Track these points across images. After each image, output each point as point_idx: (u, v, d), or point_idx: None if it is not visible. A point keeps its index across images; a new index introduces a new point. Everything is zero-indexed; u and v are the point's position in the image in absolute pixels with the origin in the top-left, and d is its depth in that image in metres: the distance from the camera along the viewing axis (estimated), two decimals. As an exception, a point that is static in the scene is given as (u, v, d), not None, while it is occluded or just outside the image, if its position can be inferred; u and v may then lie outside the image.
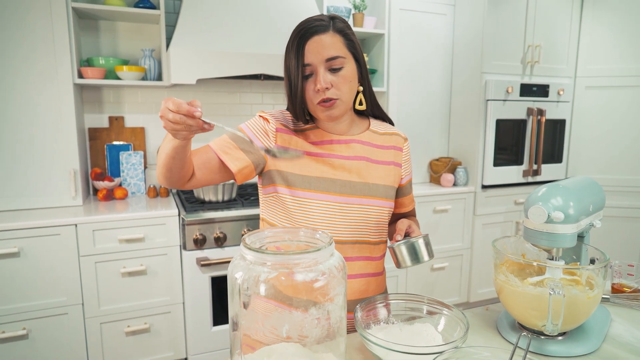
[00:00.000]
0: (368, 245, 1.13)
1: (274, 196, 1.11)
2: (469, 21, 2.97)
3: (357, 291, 1.12)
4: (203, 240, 2.27)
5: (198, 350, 2.37)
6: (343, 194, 1.08)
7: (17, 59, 2.14)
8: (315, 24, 1.02)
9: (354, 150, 1.12)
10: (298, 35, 1.02)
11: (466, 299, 3.17)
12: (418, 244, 1.04)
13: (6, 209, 2.21)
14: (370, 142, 1.15)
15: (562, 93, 3.12)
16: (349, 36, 1.05)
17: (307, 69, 1.02)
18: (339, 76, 1.03)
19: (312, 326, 0.76)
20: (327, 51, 1.01)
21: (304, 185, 1.07)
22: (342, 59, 1.02)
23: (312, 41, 1.01)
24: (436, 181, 3.14)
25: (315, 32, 1.01)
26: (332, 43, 1.02)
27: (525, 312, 0.95)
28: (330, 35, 1.02)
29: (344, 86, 1.03)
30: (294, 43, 1.02)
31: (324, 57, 1.01)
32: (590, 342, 0.95)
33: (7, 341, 2.05)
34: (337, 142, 1.12)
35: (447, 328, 0.96)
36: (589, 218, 0.99)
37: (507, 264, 1.05)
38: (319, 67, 1.01)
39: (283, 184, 1.09)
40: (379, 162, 1.15)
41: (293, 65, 1.02)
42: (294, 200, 1.07)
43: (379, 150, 1.16)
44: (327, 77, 1.02)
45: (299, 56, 1.01)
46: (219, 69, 2.34)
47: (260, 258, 0.72)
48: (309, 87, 1.04)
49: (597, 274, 0.92)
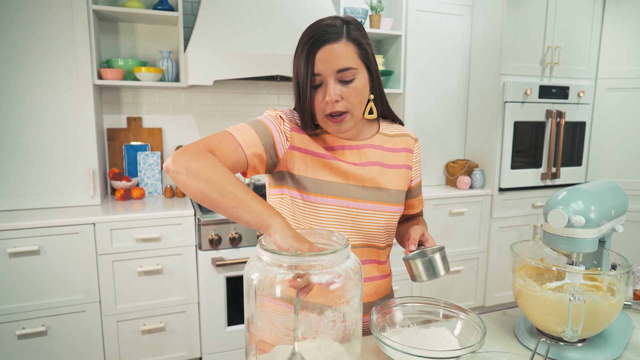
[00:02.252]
0: (376, 250, 1.12)
1: (283, 198, 1.08)
2: (487, 22, 2.94)
3: (367, 294, 1.11)
4: (218, 240, 2.28)
5: (212, 350, 2.38)
6: (356, 199, 1.06)
7: (39, 61, 2.18)
8: (327, 31, 0.96)
9: (366, 156, 1.09)
10: (309, 42, 0.96)
11: (482, 303, 3.13)
12: (435, 260, 1.00)
13: (26, 207, 2.25)
14: (382, 145, 1.12)
15: (583, 95, 3.06)
16: (362, 45, 0.99)
17: (317, 78, 0.97)
18: (349, 88, 0.98)
19: (327, 328, 0.75)
20: (339, 62, 0.95)
21: (316, 190, 1.04)
22: (354, 71, 0.97)
23: (324, 50, 0.95)
24: (452, 184, 3.11)
25: (327, 41, 0.95)
26: (345, 53, 0.96)
27: (544, 318, 0.93)
28: (343, 45, 0.96)
29: (354, 99, 0.99)
30: (304, 50, 0.97)
31: (335, 68, 0.96)
32: (611, 349, 0.93)
33: (28, 337, 2.09)
34: (349, 147, 1.08)
35: (463, 332, 0.95)
36: (611, 223, 0.97)
37: (525, 268, 1.03)
38: (329, 78, 0.97)
39: (294, 187, 1.05)
40: (392, 166, 1.12)
41: (302, 73, 0.97)
42: (306, 204, 1.05)
43: (391, 154, 1.13)
44: (337, 89, 0.97)
45: (308, 65, 0.96)
46: (235, 70, 2.35)
47: (277, 259, 0.72)
48: (318, 97, 0.99)
49: (619, 280, 0.90)
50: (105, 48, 2.62)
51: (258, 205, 0.83)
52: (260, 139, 0.98)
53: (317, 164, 1.05)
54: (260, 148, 0.98)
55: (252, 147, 0.97)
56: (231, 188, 0.84)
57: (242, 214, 0.83)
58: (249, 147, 0.96)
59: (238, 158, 0.95)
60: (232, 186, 0.84)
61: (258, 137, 0.98)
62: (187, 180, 0.85)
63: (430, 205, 2.86)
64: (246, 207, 0.83)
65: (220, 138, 0.94)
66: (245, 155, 0.96)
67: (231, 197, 0.84)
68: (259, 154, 0.98)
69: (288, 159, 1.04)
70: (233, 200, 0.83)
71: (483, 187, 3.04)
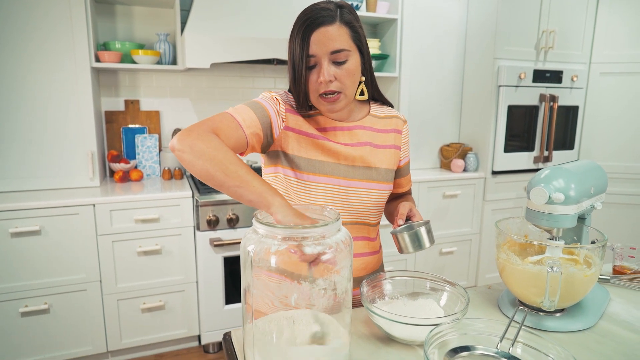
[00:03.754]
0: (367, 227, 1.17)
1: (276, 176, 1.13)
2: (482, 6, 2.95)
3: (357, 269, 1.17)
4: (216, 221, 2.33)
5: (210, 328, 2.45)
6: (347, 177, 1.11)
7: (37, 44, 2.20)
8: (321, 14, 1.00)
9: (357, 136, 1.14)
10: (304, 25, 1.00)
11: (474, 283, 3.21)
12: (420, 232, 1.07)
13: (27, 189, 2.29)
14: (372, 126, 1.17)
15: (576, 79, 3.09)
16: (355, 28, 1.04)
17: (311, 59, 1.01)
18: (342, 69, 1.02)
19: (319, 296, 0.80)
20: (333, 43, 1.00)
21: (309, 169, 1.09)
22: (347, 52, 1.01)
23: (318, 32, 0.99)
24: (446, 166, 3.16)
25: (321, 23, 0.99)
26: (338, 35, 1.00)
27: (525, 290, 0.98)
28: (337, 27, 1.00)
29: (347, 79, 1.03)
30: (299, 32, 1.01)
31: (329, 50, 1.00)
32: (587, 318, 0.99)
33: (31, 315, 2.15)
34: (340, 128, 1.13)
35: (448, 303, 1.00)
36: (590, 200, 1.02)
37: (509, 244, 1.08)
38: (323, 59, 1.01)
39: (287, 166, 1.10)
40: (381, 146, 1.17)
41: (297, 54, 1.02)
42: (298, 182, 1.09)
43: (380, 135, 1.18)
44: (331, 70, 1.01)
45: (303, 46, 1.00)
46: (232, 54, 2.37)
47: (271, 231, 0.77)
48: (312, 78, 1.03)
49: (595, 253, 0.96)
50: (103, 31, 2.63)
51: (260, 185, 0.88)
52: (258, 119, 1.03)
53: (309, 144, 1.10)
54: (258, 128, 1.03)
55: (251, 127, 1.01)
56: (234, 167, 0.88)
57: (244, 193, 0.88)
58: (248, 127, 1.01)
59: (239, 138, 0.99)
60: (235, 166, 0.88)
61: (256, 117, 1.02)
62: (192, 159, 0.88)
63: (425, 187, 2.91)
64: (248, 186, 0.87)
65: (222, 119, 0.98)
66: (245, 135, 1.00)
67: (235, 177, 0.87)
68: (257, 133, 1.03)
69: (282, 139, 1.09)
70: (236, 180, 0.87)
71: (476, 170, 3.09)
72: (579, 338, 0.94)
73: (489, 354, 0.81)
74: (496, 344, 0.81)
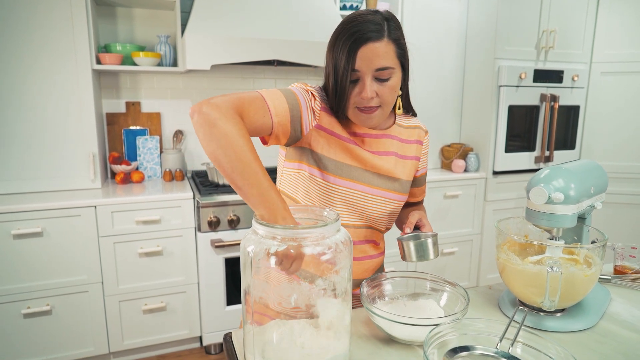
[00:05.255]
0: (377, 232, 1.19)
1: (300, 173, 1.10)
2: (483, 6, 2.95)
3: (361, 271, 1.17)
4: (217, 222, 2.33)
5: (212, 329, 2.45)
6: (371, 185, 1.11)
7: (38, 46, 2.20)
8: (370, 29, 0.97)
9: (384, 145, 1.14)
10: (351, 38, 0.97)
11: (475, 284, 3.21)
12: (426, 243, 1.07)
13: (29, 190, 2.29)
14: (398, 136, 1.17)
15: (577, 79, 3.09)
16: (402, 45, 1.03)
17: (355, 74, 1.00)
18: (385, 86, 1.01)
19: (318, 296, 0.81)
20: (379, 61, 0.98)
21: (335, 171, 1.08)
22: (391, 70, 1.01)
23: (366, 48, 0.97)
24: (447, 167, 3.15)
25: (369, 39, 0.97)
26: (385, 53, 0.99)
27: (525, 289, 0.98)
28: (385, 44, 0.98)
29: (388, 97, 1.03)
30: (345, 45, 0.98)
31: (375, 67, 0.99)
32: (587, 318, 0.99)
33: (33, 316, 2.15)
34: (369, 136, 1.12)
35: (449, 303, 1.00)
36: (590, 200, 1.02)
37: (509, 244, 1.08)
38: (367, 76, 0.99)
39: (314, 165, 1.08)
40: (406, 157, 1.18)
41: (342, 66, 0.99)
42: (323, 183, 1.08)
43: (405, 145, 1.18)
44: (374, 87, 1.01)
45: (349, 61, 0.98)
46: (233, 55, 2.38)
47: (271, 232, 0.77)
48: (353, 91, 1.02)
49: (595, 253, 0.96)
50: (103, 33, 2.64)
51: (275, 199, 0.85)
52: (289, 109, 0.99)
53: (339, 147, 1.08)
54: (287, 119, 0.99)
55: (280, 115, 0.97)
56: (247, 161, 0.84)
57: (256, 200, 0.84)
58: (277, 115, 0.97)
59: (264, 124, 0.95)
60: (247, 160, 0.84)
61: (288, 107, 0.99)
62: (208, 138, 0.84)
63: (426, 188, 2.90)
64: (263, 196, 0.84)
65: (252, 100, 0.94)
66: (272, 123, 0.97)
67: (249, 177, 0.84)
68: (284, 124, 0.99)
69: (313, 137, 1.06)
70: (249, 180, 0.84)
71: (477, 170, 3.09)
72: (579, 338, 0.94)
73: (488, 354, 0.81)
74: (496, 344, 0.81)
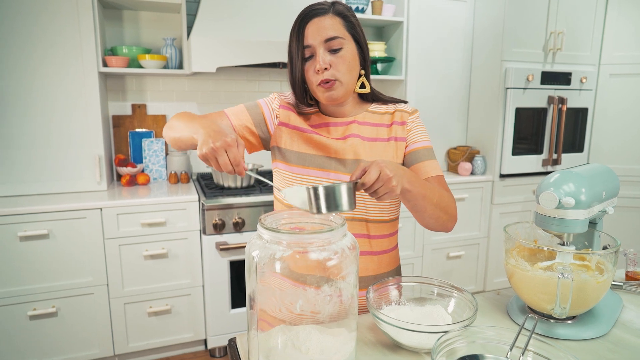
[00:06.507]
0: (365, 223, 1.12)
1: (276, 171, 1.18)
2: (489, 8, 2.93)
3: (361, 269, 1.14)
4: (222, 225, 2.33)
5: (217, 332, 2.44)
6: (337, 171, 1.11)
7: (45, 49, 2.21)
8: (315, 7, 1.06)
9: (349, 130, 1.14)
10: (299, 19, 1.07)
11: (482, 288, 3.18)
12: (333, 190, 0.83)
13: (35, 192, 2.30)
14: (366, 121, 1.16)
15: (585, 81, 3.06)
16: (348, 18, 1.08)
17: (307, 50, 1.05)
18: (337, 57, 1.05)
19: (324, 303, 0.79)
20: (326, 32, 1.04)
21: (298, 162, 1.13)
22: (340, 40, 1.05)
23: (312, 23, 1.05)
24: (453, 170, 3.13)
25: (315, 15, 1.05)
26: (331, 24, 1.05)
27: (534, 296, 0.96)
28: (330, 17, 1.05)
29: (342, 67, 1.05)
30: (295, 27, 1.07)
31: (323, 38, 1.04)
32: (599, 326, 0.96)
33: (39, 318, 2.16)
34: (334, 124, 1.15)
35: (456, 309, 0.98)
36: (601, 204, 1.00)
37: (518, 249, 1.06)
38: (318, 48, 1.04)
39: (282, 160, 1.15)
40: (375, 139, 1.14)
41: (294, 47, 1.07)
42: (290, 176, 1.13)
43: (374, 128, 1.15)
44: (326, 58, 1.04)
45: (299, 39, 1.05)
46: (238, 57, 2.37)
47: (276, 237, 0.76)
48: (309, 69, 1.07)
49: (607, 259, 0.94)
50: (110, 36, 2.64)
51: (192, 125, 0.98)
52: (248, 112, 1.15)
53: (302, 139, 1.14)
54: (249, 121, 1.15)
55: (241, 118, 1.14)
56: (185, 119, 1.03)
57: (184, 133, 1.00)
58: (237, 118, 1.14)
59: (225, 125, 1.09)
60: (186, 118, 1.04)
61: (246, 110, 1.16)
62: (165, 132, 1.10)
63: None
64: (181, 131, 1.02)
65: (213, 113, 1.15)
66: (232, 125, 1.13)
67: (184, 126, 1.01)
68: (247, 126, 1.14)
69: (277, 134, 1.16)
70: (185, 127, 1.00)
71: (484, 173, 3.06)
72: (591, 346, 0.92)
73: (498, 362, 0.79)
74: (506, 352, 0.79)
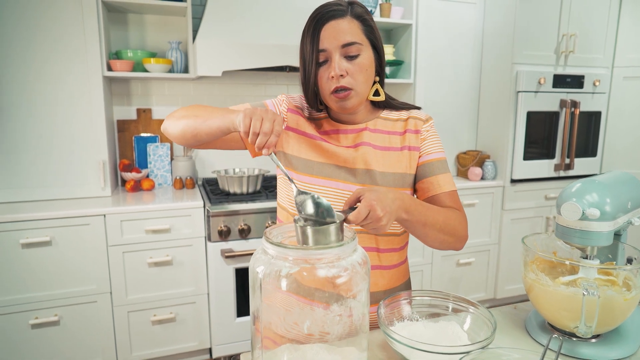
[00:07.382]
0: (374, 236, 1.07)
1: (281, 178, 1.12)
2: (500, 10, 2.88)
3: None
4: (227, 232, 2.28)
5: (222, 341, 2.40)
6: (347, 181, 1.04)
7: (49, 53, 2.19)
8: (332, 9, 0.98)
9: (360, 137, 1.07)
10: (314, 20, 0.99)
11: (493, 295, 3.11)
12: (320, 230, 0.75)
13: (38, 198, 2.27)
14: (378, 129, 1.09)
15: (598, 84, 2.99)
16: (367, 22, 1.01)
17: (322, 55, 0.98)
18: (354, 64, 0.98)
19: (333, 323, 0.74)
20: (344, 36, 0.96)
21: (306, 170, 1.06)
22: (359, 46, 0.98)
23: (329, 26, 0.97)
24: (463, 175, 3.07)
25: (332, 17, 0.97)
26: (349, 28, 0.97)
27: (556, 313, 0.91)
28: (348, 21, 0.98)
29: (359, 75, 0.99)
30: (310, 28, 0.99)
31: (340, 43, 0.97)
32: (626, 346, 0.91)
33: (41, 326, 2.12)
34: (344, 132, 1.08)
35: (473, 327, 0.93)
36: (627, 215, 0.94)
37: (537, 262, 1.01)
38: (334, 54, 0.97)
39: (287, 167, 1.09)
40: (387, 148, 1.08)
41: (308, 50, 0.99)
42: (297, 185, 1.03)
43: (387, 137, 1.09)
44: (342, 64, 0.97)
45: (314, 41, 0.98)
46: (244, 61, 2.34)
47: (282, 252, 0.71)
48: (323, 75, 1.00)
49: (635, 274, 0.88)
50: (115, 39, 2.62)
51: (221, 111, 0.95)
52: None
53: (309, 145, 1.08)
54: None
55: None
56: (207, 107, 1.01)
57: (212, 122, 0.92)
58: None
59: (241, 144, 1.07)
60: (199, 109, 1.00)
61: None
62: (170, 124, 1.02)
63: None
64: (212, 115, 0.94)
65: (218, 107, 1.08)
66: None
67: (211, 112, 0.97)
68: None
69: (284, 139, 1.09)
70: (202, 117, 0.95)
71: (495, 178, 3.00)
72: (617, 367, 0.86)
73: (520, 387, 0.74)
74: (529, 376, 0.74)
